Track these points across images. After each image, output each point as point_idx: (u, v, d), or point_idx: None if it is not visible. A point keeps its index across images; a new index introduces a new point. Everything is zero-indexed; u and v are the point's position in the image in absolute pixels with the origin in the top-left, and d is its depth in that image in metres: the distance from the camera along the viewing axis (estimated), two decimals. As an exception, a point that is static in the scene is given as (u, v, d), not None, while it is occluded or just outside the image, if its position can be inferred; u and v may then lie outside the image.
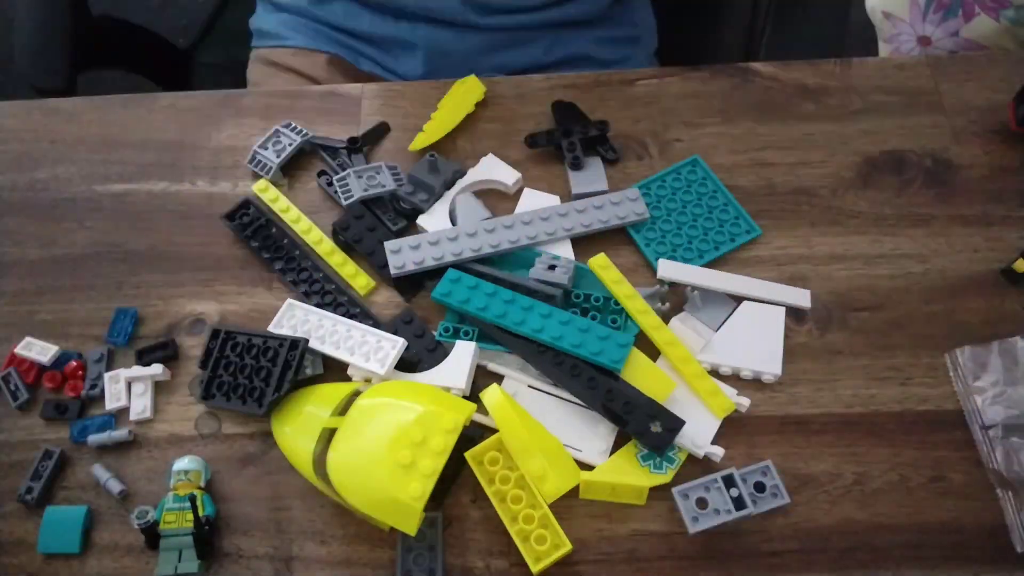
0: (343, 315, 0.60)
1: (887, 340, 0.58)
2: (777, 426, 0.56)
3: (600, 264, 0.60)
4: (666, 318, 0.59)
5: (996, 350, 0.56)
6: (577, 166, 0.65)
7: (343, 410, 0.52)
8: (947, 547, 0.52)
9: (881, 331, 0.59)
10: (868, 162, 0.66)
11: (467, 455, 0.53)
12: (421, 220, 0.64)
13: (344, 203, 0.63)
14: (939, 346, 0.58)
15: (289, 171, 0.68)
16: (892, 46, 1.03)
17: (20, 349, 0.60)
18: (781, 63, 0.71)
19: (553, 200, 0.65)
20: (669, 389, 0.56)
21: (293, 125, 0.68)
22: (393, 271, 0.60)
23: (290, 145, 0.67)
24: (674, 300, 0.60)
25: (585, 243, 0.62)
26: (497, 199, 0.66)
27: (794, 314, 0.59)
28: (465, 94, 0.69)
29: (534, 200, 0.65)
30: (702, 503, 0.50)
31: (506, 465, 0.53)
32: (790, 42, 0.81)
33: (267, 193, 0.66)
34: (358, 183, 0.64)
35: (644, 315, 0.58)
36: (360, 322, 0.59)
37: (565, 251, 0.62)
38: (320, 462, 0.51)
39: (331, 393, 0.54)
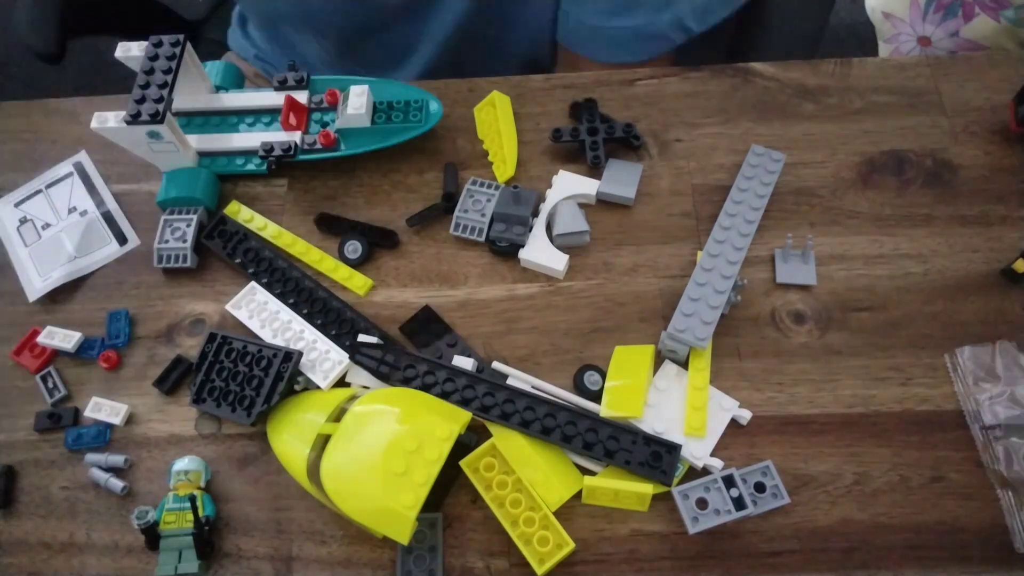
0: (333, 321, 0.60)
1: (887, 340, 0.58)
2: (777, 426, 0.56)
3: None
4: (749, 305, 0.60)
5: (996, 350, 0.56)
6: (597, 166, 0.65)
7: (338, 416, 0.52)
8: (947, 547, 0.52)
9: (881, 331, 0.59)
10: (868, 162, 0.66)
11: (462, 463, 0.53)
12: (524, 254, 0.62)
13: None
14: (939, 346, 0.58)
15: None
16: (892, 46, 1.03)
17: (43, 338, 0.60)
18: (781, 63, 0.71)
19: (588, 184, 0.64)
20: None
21: (176, 210, 0.64)
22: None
23: (188, 226, 0.64)
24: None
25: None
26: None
27: (794, 314, 0.60)
28: (503, 110, 0.68)
29: (568, 183, 0.65)
30: (702, 503, 0.50)
31: (502, 470, 0.53)
32: (764, 43, 0.81)
33: (240, 214, 0.66)
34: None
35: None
36: (354, 328, 0.59)
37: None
38: (314, 468, 0.51)
39: (327, 399, 0.54)
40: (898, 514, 0.53)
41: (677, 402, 0.56)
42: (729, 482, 0.51)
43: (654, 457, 0.53)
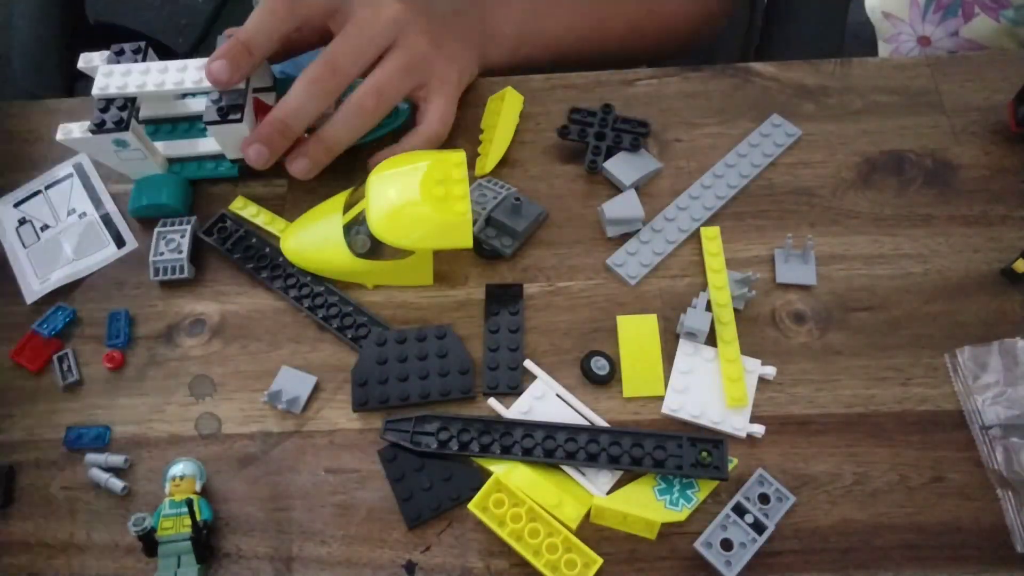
0: (335, 315, 0.60)
1: (887, 340, 0.58)
2: (777, 426, 0.56)
3: (710, 236, 0.62)
4: (749, 305, 0.60)
5: (996, 350, 0.56)
6: (594, 170, 0.65)
7: (347, 207, 0.61)
8: (947, 547, 0.52)
9: (881, 331, 0.59)
10: (868, 162, 0.66)
11: (471, 507, 0.51)
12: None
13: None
14: (939, 346, 0.58)
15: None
16: (892, 46, 1.03)
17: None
18: (781, 63, 0.71)
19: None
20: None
21: (168, 221, 0.64)
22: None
23: (182, 236, 0.63)
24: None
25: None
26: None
27: (794, 314, 0.60)
28: (509, 107, 0.68)
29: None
30: (727, 544, 0.50)
31: (512, 503, 0.52)
32: (786, 45, 0.81)
33: (247, 209, 0.66)
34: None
35: (722, 305, 0.58)
36: (356, 323, 0.60)
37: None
38: (353, 241, 0.60)
39: (335, 203, 0.62)
40: (898, 514, 0.53)
41: (705, 380, 0.56)
42: (739, 510, 0.51)
43: (705, 455, 0.53)
